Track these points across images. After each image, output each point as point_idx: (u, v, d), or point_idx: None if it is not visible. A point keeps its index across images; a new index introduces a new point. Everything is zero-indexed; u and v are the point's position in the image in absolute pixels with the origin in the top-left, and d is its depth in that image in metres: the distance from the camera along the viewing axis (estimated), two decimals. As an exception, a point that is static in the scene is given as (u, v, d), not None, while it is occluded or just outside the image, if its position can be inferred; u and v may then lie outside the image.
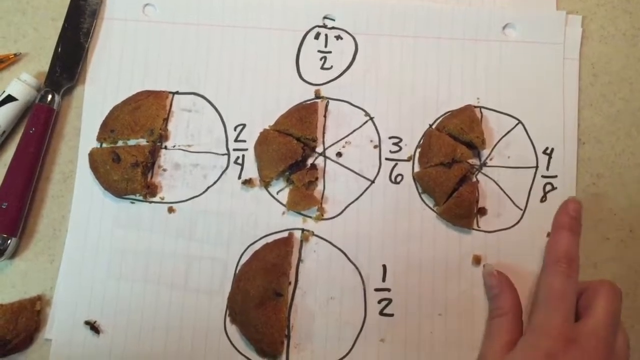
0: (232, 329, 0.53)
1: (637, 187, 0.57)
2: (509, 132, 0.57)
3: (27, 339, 0.53)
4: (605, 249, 0.56)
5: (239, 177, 0.56)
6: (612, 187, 0.57)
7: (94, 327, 0.54)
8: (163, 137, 0.57)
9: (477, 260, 0.54)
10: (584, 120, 0.58)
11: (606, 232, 0.56)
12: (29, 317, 0.53)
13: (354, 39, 0.58)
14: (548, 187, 0.56)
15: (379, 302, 0.54)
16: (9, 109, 0.56)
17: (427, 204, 0.56)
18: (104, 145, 0.57)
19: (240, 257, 0.55)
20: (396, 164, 0.56)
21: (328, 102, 0.58)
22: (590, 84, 0.58)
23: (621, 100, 0.58)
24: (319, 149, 0.57)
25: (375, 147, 0.57)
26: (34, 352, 0.54)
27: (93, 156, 0.56)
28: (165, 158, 0.57)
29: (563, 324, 0.47)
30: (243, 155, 0.57)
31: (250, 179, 0.56)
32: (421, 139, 0.57)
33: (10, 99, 0.56)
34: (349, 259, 0.55)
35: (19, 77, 0.57)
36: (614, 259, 0.56)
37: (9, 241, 0.54)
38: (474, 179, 0.56)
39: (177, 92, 0.58)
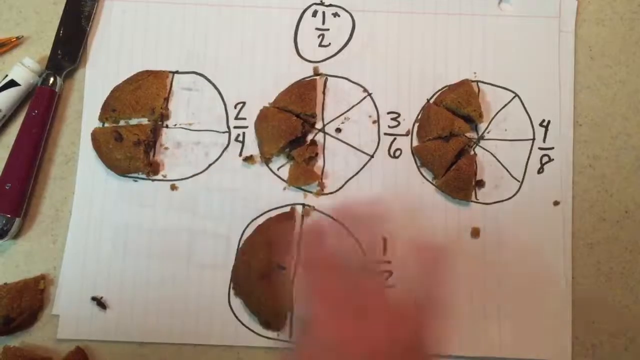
0: (236, 302, 0.54)
1: (632, 168, 0.57)
2: (505, 105, 0.57)
3: (31, 317, 0.54)
4: (602, 229, 0.56)
5: (240, 154, 0.57)
6: (609, 168, 0.57)
7: (100, 302, 0.54)
8: (164, 116, 0.58)
9: (475, 232, 0.55)
10: (581, 102, 0.58)
11: (602, 212, 0.57)
12: (32, 295, 0.54)
13: (351, 15, 0.59)
14: (545, 159, 0.57)
15: (380, 274, 0.55)
16: (11, 94, 0.57)
17: (426, 178, 0.56)
18: (106, 124, 0.58)
19: (243, 232, 0.55)
20: (395, 139, 0.57)
21: (327, 78, 0.58)
22: (587, 67, 0.59)
23: (618, 83, 0.59)
24: (319, 125, 0.57)
25: (374, 122, 0.58)
26: (37, 330, 0.54)
27: (95, 135, 0.56)
28: (167, 137, 0.58)
29: None
30: (243, 133, 0.57)
31: (251, 155, 0.57)
32: (419, 113, 0.58)
33: (12, 83, 0.57)
34: (349, 232, 0.55)
35: (22, 62, 0.57)
36: (609, 239, 0.56)
37: (12, 221, 0.55)
38: (472, 152, 0.57)
39: (177, 72, 0.59)
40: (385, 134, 0.57)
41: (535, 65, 0.58)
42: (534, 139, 0.57)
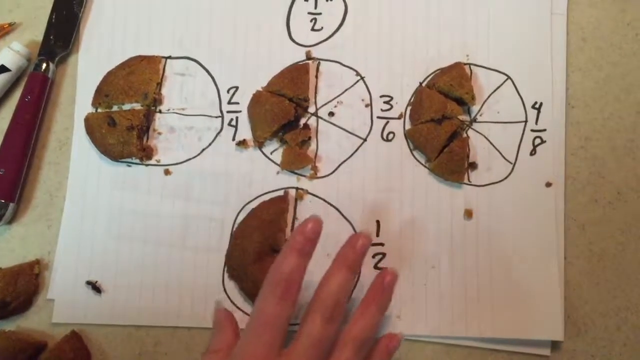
0: (231, 285, 0.54)
1: (624, 150, 0.57)
2: (498, 87, 0.57)
3: (27, 301, 0.54)
4: (593, 210, 0.56)
5: (233, 139, 0.57)
6: (601, 150, 0.57)
7: (95, 286, 0.54)
8: (157, 101, 0.58)
9: (468, 214, 0.55)
10: (574, 84, 0.58)
11: (594, 194, 0.57)
12: (27, 280, 0.54)
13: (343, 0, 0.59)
14: (537, 141, 0.57)
15: (373, 256, 0.55)
16: (1, 79, 0.57)
17: (418, 160, 0.57)
18: (99, 110, 0.58)
19: (237, 215, 0.55)
20: (388, 122, 0.57)
21: (319, 63, 0.58)
22: (579, 49, 0.59)
23: (610, 65, 0.59)
24: (311, 109, 0.58)
25: (366, 105, 0.58)
26: (33, 314, 0.55)
27: (89, 121, 0.57)
28: (160, 122, 0.58)
29: (266, 353, 0.43)
30: (237, 117, 0.57)
31: (244, 140, 0.57)
32: (412, 96, 0.58)
33: (2, 69, 0.57)
34: (343, 215, 0.55)
35: (10, 47, 0.57)
36: (601, 220, 0.56)
37: (7, 206, 0.55)
38: (465, 135, 0.57)
39: (169, 57, 0.59)
40: (378, 117, 0.57)
41: (527, 47, 0.58)
42: (526, 121, 0.57)
